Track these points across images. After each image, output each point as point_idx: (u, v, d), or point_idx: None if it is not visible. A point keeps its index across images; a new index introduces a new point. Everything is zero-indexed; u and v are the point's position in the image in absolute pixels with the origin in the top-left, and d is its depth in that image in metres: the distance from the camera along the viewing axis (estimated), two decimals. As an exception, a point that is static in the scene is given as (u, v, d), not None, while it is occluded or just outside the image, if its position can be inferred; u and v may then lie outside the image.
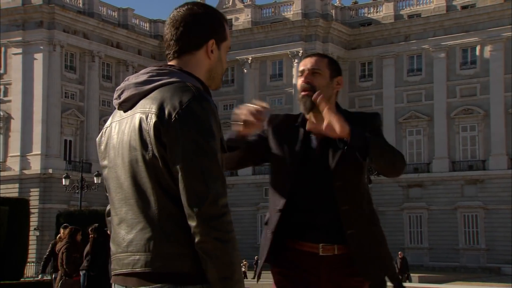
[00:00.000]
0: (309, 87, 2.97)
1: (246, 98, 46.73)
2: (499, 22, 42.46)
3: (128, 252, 2.02)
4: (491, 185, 42.06)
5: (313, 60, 3.03)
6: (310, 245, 2.92)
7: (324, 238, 2.92)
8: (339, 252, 2.92)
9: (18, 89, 42.66)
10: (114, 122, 2.15)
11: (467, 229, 42.70)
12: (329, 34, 45.85)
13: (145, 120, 2.00)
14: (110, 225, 2.19)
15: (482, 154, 42.99)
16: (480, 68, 43.21)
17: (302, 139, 2.99)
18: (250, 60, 46.78)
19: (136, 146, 2.02)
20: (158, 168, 1.98)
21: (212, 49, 2.15)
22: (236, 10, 49.25)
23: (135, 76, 2.13)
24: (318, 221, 2.92)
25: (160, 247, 1.97)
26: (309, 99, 2.94)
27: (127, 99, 2.09)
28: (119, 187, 2.07)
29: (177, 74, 2.08)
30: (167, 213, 1.98)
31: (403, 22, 45.86)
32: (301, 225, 2.93)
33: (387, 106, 45.47)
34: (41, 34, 42.58)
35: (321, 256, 2.91)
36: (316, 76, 2.99)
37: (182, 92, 1.99)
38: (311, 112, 2.99)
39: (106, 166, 2.14)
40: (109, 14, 47.99)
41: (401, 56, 45.58)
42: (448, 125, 43.72)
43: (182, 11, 2.15)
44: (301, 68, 3.05)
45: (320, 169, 2.93)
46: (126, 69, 47.20)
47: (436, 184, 43.64)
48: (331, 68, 3.03)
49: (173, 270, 1.96)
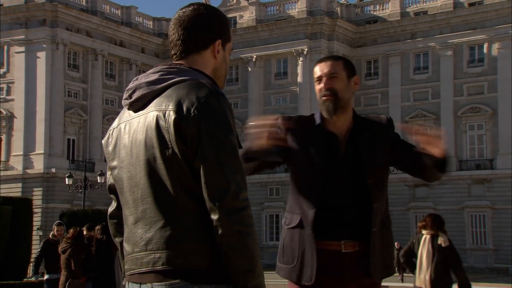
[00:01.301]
0: (329, 92, 3.07)
1: (250, 96, 46.46)
2: (507, 19, 42.07)
3: (148, 251, 2.03)
4: (499, 185, 41.75)
5: (329, 64, 3.11)
6: (331, 243, 3.02)
7: (345, 235, 3.02)
8: (359, 248, 3.03)
9: (21, 88, 42.53)
10: (123, 123, 2.16)
11: (475, 229, 42.39)
12: (335, 32, 45.52)
13: (163, 118, 2.01)
14: (113, 226, 2.26)
15: (490, 153, 42.67)
16: (488, 66, 42.86)
17: (325, 139, 3.09)
18: (254, 58, 46.48)
19: (154, 144, 2.03)
20: (179, 165, 2.00)
21: (218, 49, 2.20)
22: (240, 8, 48.95)
23: (144, 75, 2.14)
24: (340, 219, 3.03)
25: (181, 244, 1.99)
26: (332, 104, 3.06)
27: (138, 98, 2.11)
28: (134, 186, 2.08)
29: (188, 72, 2.10)
30: (187, 210, 2.00)
31: (410, 19, 45.53)
32: (324, 223, 3.02)
33: (393, 105, 45.21)
34: (44, 33, 42.42)
35: (343, 253, 3.01)
36: (334, 80, 3.09)
37: (198, 89, 2.02)
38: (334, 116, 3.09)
39: (116, 166, 2.15)
40: (112, 12, 47.84)
41: (408, 54, 45.24)
42: (455, 123, 43.40)
43: (188, 11, 2.18)
44: (318, 74, 3.12)
45: (347, 168, 3.06)
46: (130, 67, 47.06)
47: (443, 184, 43.26)
48: (347, 69, 3.13)
49: (193, 266, 1.98)
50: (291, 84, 45.79)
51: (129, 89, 2.14)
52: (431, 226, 7.36)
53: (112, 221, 2.28)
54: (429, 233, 7.37)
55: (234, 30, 46.84)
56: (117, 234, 2.27)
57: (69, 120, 43.58)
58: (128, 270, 2.10)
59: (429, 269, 7.21)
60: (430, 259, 7.23)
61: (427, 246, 7.29)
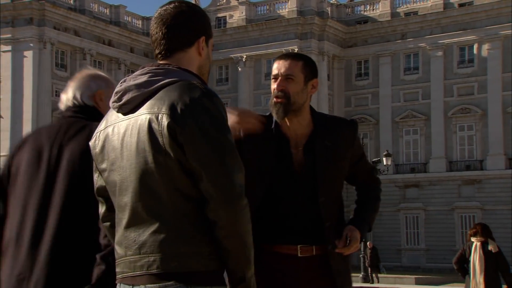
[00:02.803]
0: (282, 94, 2.94)
1: (240, 97, 46.23)
2: (497, 20, 42.11)
3: (141, 254, 2.01)
4: (489, 186, 41.80)
5: (287, 63, 2.97)
6: (288, 247, 2.91)
7: (302, 240, 2.91)
8: (317, 252, 2.92)
9: (8, 87, 42.13)
10: (111, 125, 2.13)
11: (465, 230, 42.27)
12: (325, 32, 45.38)
13: (156, 121, 1.99)
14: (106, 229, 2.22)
15: (480, 154, 42.68)
16: (478, 66, 42.88)
17: (276, 145, 2.95)
18: (244, 58, 46.27)
19: (146, 147, 2.00)
20: (173, 168, 1.97)
21: (202, 46, 2.19)
22: (230, 8, 48.69)
23: (132, 77, 2.12)
24: (296, 224, 2.91)
25: (176, 247, 1.98)
26: (282, 107, 2.93)
27: (128, 101, 2.08)
28: (125, 190, 2.05)
29: (176, 72, 2.08)
30: (182, 213, 1.99)
31: (400, 20, 45.48)
32: (278, 229, 2.92)
33: (383, 105, 45.15)
34: (31, 31, 42.00)
35: (299, 258, 2.90)
36: (289, 82, 2.95)
37: (190, 90, 2.00)
38: (285, 118, 2.96)
39: (105, 169, 2.13)
40: (101, 11, 47.50)
41: (398, 55, 45.18)
42: (445, 124, 43.40)
43: (170, 9, 2.15)
44: (275, 72, 2.99)
45: (300, 176, 2.92)
46: (118, 67, 46.77)
47: (433, 184, 43.36)
48: (306, 71, 2.98)
49: (188, 269, 1.97)
50: (281, 84, 45.56)
51: (118, 91, 2.11)
52: (481, 233, 8.14)
53: (105, 224, 2.24)
54: (479, 240, 8.13)
55: (224, 30, 46.61)
56: (112, 237, 2.23)
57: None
58: (120, 273, 2.08)
59: (482, 274, 8.00)
60: (482, 264, 8.00)
61: (479, 252, 8.05)
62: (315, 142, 2.95)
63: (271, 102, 2.98)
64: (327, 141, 2.95)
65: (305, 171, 2.92)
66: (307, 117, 2.99)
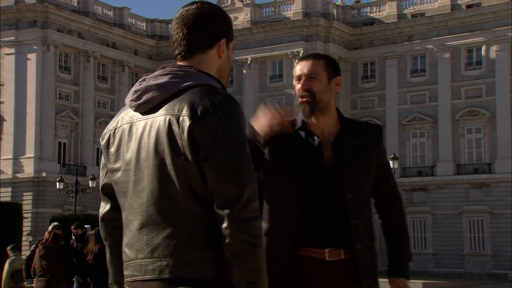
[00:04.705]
0: (307, 94, 2.98)
1: (245, 99, 45.96)
2: (505, 22, 41.81)
3: (153, 258, 1.99)
4: (497, 189, 41.47)
5: (309, 63, 3.02)
6: (315, 250, 2.90)
7: (330, 242, 2.91)
8: (345, 256, 2.92)
9: (11, 90, 42.01)
10: (126, 124, 2.11)
11: (473, 234, 42.05)
12: (331, 34, 45.12)
13: (176, 123, 1.99)
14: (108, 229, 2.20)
15: (488, 157, 42.33)
16: (486, 68, 42.56)
17: (305, 143, 2.98)
18: (249, 61, 46.04)
19: (165, 149, 2.00)
20: (190, 171, 1.97)
21: (223, 48, 2.16)
22: (235, 9, 48.45)
23: (153, 77, 2.10)
24: (324, 224, 2.92)
25: (189, 252, 1.96)
26: (308, 106, 2.97)
27: (147, 100, 2.06)
28: (141, 191, 2.04)
29: (197, 75, 2.07)
30: (196, 218, 1.97)
31: (407, 21, 45.22)
32: (306, 230, 2.92)
33: (390, 108, 44.86)
34: (35, 34, 41.88)
35: (327, 262, 2.90)
36: (313, 81, 2.99)
37: (211, 94, 2.00)
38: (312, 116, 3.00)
39: (119, 169, 2.10)
40: (104, 13, 47.40)
41: (405, 57, 44.89)
42: (453, 127, 43.08)
43: (192, 10, 2.14)
44: (298, 73, 3.04)
45: (329, 176, 2.94)
46: (122, 69, 46.62)
47: (440, 188, 43.03)
48: (328, 69, 3.02)
49: (200, 275, 1.95)
50: (286, 86, 45.31)
51: (137, 90, 2.09)
52: None
53: (104, 223, 2.21)
54: None
55: (229, 32, 46.42)
56: (109, 237, 2.22)
57: (60, 123, 43.11)
58: (130, 276, 2.05)
59: None
60: None
61: None
62: (343, 141, 2.97)
63: (297, 102, 3.02)
64: (354, 140, 2.98)
65: (333, 168, 2.95)
66: (333, 116, 3.03)
